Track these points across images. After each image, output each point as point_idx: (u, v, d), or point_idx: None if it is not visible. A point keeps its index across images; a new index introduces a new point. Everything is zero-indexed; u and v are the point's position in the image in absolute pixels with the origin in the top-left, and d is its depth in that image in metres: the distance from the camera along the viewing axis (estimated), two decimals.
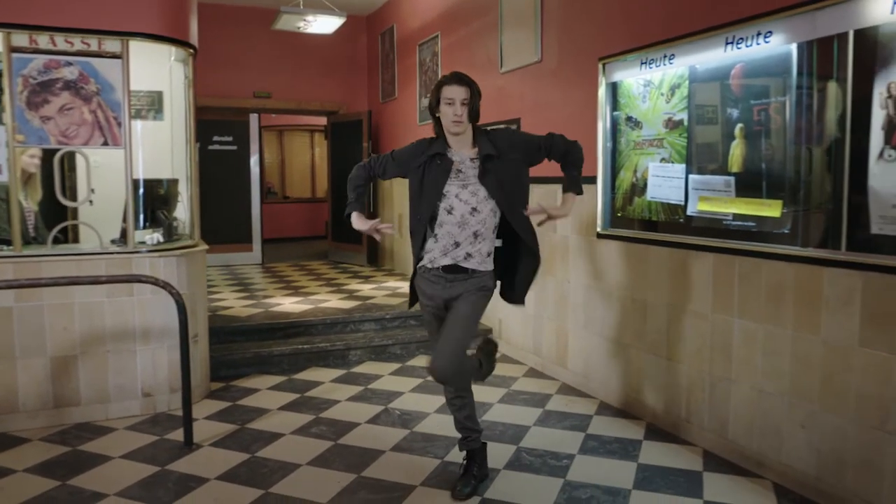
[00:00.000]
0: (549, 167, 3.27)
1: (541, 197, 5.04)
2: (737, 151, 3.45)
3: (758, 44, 3.28)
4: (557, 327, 4.91)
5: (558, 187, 4.80)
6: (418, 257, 3.03)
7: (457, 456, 3.54)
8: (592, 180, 4.43)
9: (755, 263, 3.29)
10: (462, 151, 2.95)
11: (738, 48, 3.38)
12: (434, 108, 2.94)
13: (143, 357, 4.24)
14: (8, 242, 4.03)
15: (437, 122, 2.96)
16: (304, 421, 4.07)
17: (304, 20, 6.80)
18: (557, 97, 4.94)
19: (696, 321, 3.66)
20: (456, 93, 2.85)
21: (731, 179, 3.46)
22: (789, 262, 3.12)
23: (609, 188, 4.38)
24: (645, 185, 4.05)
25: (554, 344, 4.96)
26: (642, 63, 4.04)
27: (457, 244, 2.92)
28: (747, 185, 3.40)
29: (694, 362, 3.69)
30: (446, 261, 2.94)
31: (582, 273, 4.61)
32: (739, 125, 3.42)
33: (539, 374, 5.03)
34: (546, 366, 5.05)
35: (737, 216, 3.44)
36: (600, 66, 4.36)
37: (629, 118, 4.21)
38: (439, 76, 6.92)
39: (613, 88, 4.35)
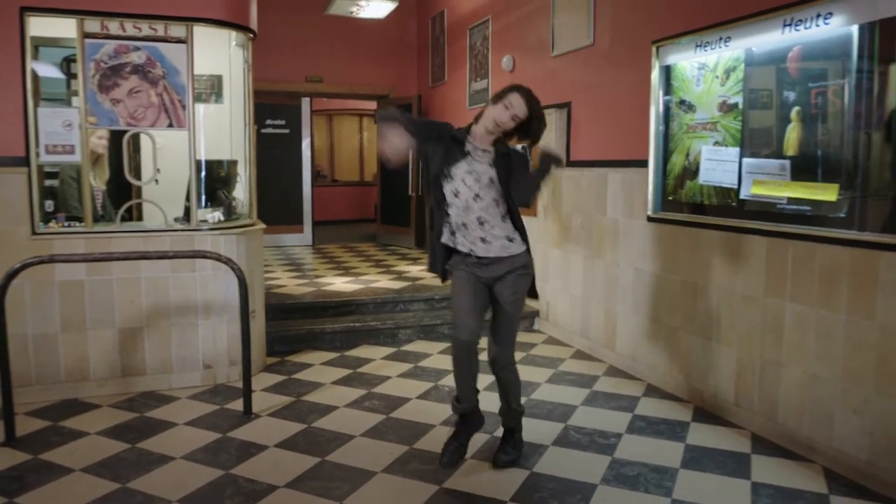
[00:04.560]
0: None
1: (593, 180, 5.06)
2: (793, 135, 3.42)
3: (817, 25, 3.24)
4: (606, 310, 4.95)
5: (607, 170, 4.82)
6: (440, 231, 3.17)
7: None
8: (644, 164, 4.43)
9: (809, 247, 3.28)
10: (477, 144, 3.07)
11: (797, 30, 3.35)
12: (494, 100, 3.04)
13: (205, 330, 4.43)
14: (79, 219, 4.24)
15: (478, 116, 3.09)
16: (357, 395, 4.21)
17: (357, 5, 6.91)
18: (609, 80, 4.93)
19: (747, 305, 3.66)
20: (518, 107, 2.98)
21: (787, 163, 3.44)
22: (845, 246, 3.10)
23: (660, 172, 4.38)
24: (697, 168, 4.04)
25: (602, 326, 5.00)
26: (697, 46, 4.01)
27: (465, 225, 3.05)
28: (803, 169, 3.37)
29: (744, 346, 3.69)
30: (464, 247, 3.08)
31: (631, 256, 4.63)
32: (796, 108, 3.39)
33: (586, 356, 5.08)
34: (594, 348, 5.09)
35: (791, 200, 3.42)
36: (654, 49, 4.35)
37: (682, 101, 4.20)
38: (489, 60, 6.95)
39: (667, 72, 4.33)
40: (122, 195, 4.68)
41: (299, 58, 8.79)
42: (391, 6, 7.09)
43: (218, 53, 4.99)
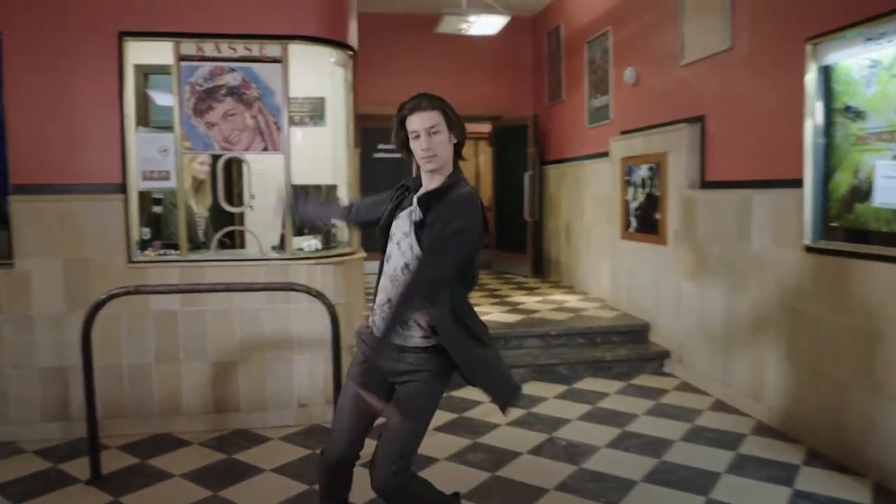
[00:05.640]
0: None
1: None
2: None
3: None
4: (752, 355, 4.21)
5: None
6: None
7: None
8: (797, 184, 3.73)
9: None
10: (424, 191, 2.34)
11: None
12: (402, 142, 2.34)
13: (300, 366, 4.15)
14: (177, 247, 4.10)
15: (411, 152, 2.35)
16: (461, 446, 3.75)
17: (467, 21, 6.57)
18: (752, 88, 4.26)
19: None
20: (419, 122, 2.24)
21: None
22: None
23: (820, 193, 3.66)
24: (870, 188, 3.32)
25: (747, 374, 4.27)
26: (868, 39, 3.31)
27: (389, 300, 2.27)
28: None
29: None
30: (378, 323, 2.30)
31: (784, 293, 3.90)
32: None
33: (727, 408, 4.35)
34: (737, 398, 4.36)
35: None
36: (808, 47, 3.67)
37: (847, 108, 3.49)
38: (610, 74, 6.40)
39: (825, 73, 3.63)
40: (225, 222, 4.53)
41: (409, 80, 8.54)
42: (502, 21, 6.69)
43: (319, 74, 4.78)
